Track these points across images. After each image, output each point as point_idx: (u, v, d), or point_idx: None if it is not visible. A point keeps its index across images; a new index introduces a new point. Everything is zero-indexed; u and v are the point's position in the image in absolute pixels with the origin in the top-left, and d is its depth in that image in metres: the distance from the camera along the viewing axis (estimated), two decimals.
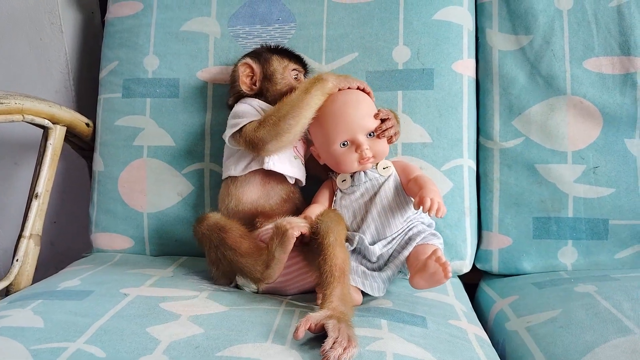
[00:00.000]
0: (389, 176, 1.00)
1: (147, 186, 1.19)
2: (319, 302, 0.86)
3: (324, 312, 0.79)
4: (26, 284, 1.12)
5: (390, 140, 1.02)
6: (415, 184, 0.97)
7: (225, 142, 1.05)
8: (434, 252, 0.87)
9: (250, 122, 1.00)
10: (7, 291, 1.09)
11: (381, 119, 1.00)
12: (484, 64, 1.19)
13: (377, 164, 1.01)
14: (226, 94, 1.15)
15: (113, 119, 1.23)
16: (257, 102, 1.06)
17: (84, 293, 0.91)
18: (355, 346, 0.72)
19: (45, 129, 1.17)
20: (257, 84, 1.08)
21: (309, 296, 0.95)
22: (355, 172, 1.01)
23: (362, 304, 0.93)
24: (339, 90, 1.00)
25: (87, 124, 1.25)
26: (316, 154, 1.05)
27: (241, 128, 1.00)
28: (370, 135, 0.99)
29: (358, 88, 1.02)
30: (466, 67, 1.16)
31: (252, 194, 1.03)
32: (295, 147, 1.05)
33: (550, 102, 1.13)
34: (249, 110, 1.04)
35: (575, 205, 1.12)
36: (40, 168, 1.16)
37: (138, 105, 1.21)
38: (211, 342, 0.74)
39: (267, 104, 1.06)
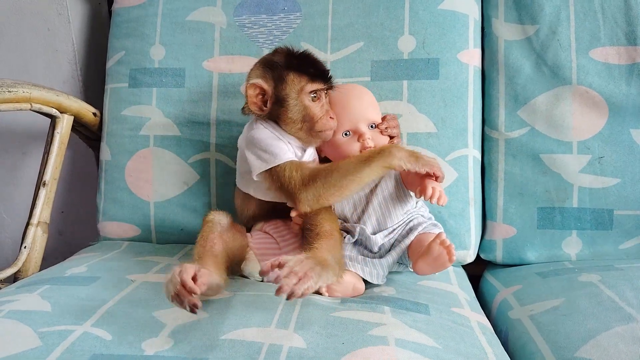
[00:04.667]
0: None
1: (154, 175, 1.20)
2: None
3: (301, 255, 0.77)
4: (34, 271, 1.13)
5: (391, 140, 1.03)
6: (415, 175, 0.97)
7: (238, 149, 1.00)
8: (438, 235, 0.88)
9: (289, 164, 0.90)
10: (15, 278, 1.10)
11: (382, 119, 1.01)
12: (489, 54, 1.19)
13: None
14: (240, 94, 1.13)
15: (120, 109, 1.24)
16: (272, 127, 0.97)
17: (90, 279, 0.92)
18: (311, 279, 0.71)
19: (53, 118, 1.18)
20: (267, 105, 0.96)
21: None
22: None
23: (365, 292, 0.94)
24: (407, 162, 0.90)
25: (94, 114, 1.26)
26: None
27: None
28: (371, 127, 0.99)
29: (427, 174, 0.91)
30: (472, 56, 1.15)
31: (270, 204, 1.00)
32: None
33: (556, 92, 1.13)
34: (276, 144, 0.93)
35: (580, 195, 1.11)
36: (47, 157, 1.17)
37: (144, 95, 1.22)
38: (216, 326, 0.74)
39: (282, 131, 0.96)
